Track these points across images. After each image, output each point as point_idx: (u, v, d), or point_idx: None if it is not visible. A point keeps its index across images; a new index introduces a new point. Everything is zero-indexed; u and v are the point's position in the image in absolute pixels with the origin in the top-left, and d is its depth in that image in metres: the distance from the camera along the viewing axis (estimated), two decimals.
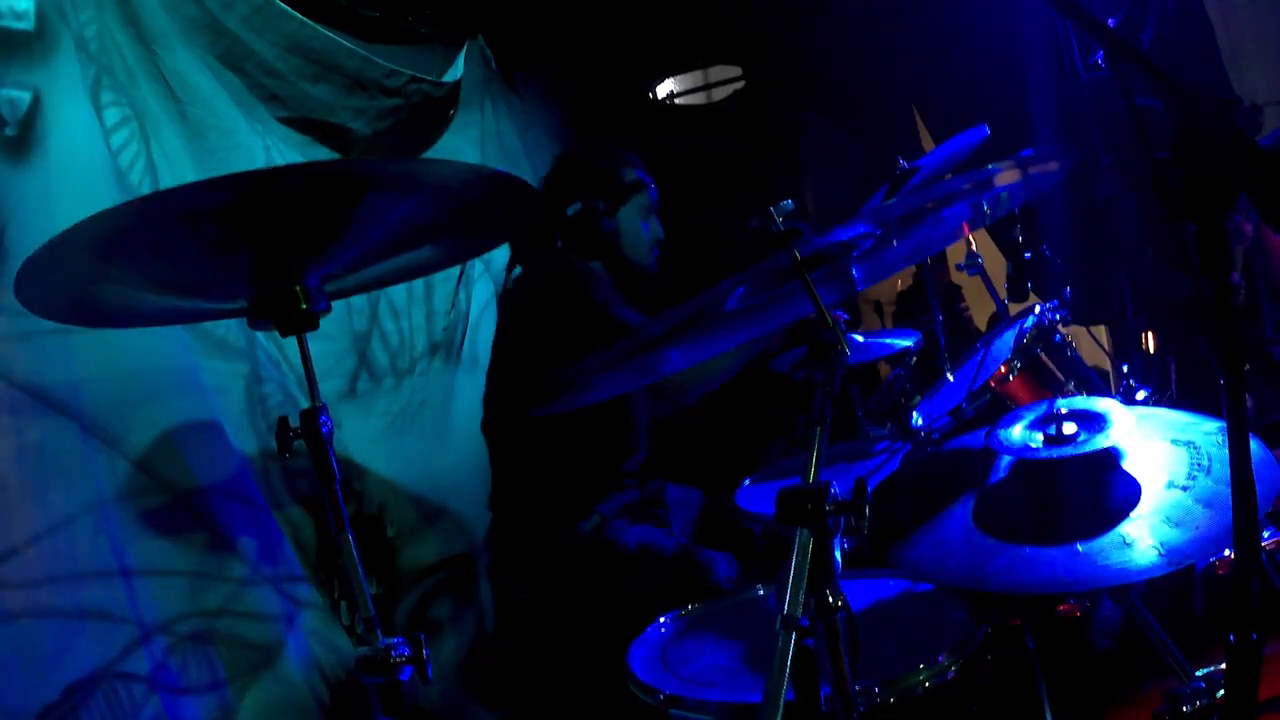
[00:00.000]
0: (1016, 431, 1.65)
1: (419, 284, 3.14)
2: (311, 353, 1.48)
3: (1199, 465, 1.54)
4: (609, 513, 2.46)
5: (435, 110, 3.23)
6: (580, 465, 2.49)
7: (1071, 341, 2.28)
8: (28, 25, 2.13)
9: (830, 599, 1.20)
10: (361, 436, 2.83)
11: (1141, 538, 1.45)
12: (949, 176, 1.65)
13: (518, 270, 2.77)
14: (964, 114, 4.55)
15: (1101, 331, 4.28)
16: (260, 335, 2.51)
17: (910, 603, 1.79)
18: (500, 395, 2.63)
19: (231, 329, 2.48)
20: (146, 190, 2.36)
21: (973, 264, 3.08)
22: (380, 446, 2.87)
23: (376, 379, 2.94)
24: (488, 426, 2.68)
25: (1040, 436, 1.61)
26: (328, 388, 2.75)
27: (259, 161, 2.64)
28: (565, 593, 2.42)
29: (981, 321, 4.49)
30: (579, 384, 1.68)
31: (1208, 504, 1.46)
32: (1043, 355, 2.21)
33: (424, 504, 2.94)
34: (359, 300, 2.91)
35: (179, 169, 2.46)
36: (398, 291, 3.04)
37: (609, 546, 2.39)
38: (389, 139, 3.02)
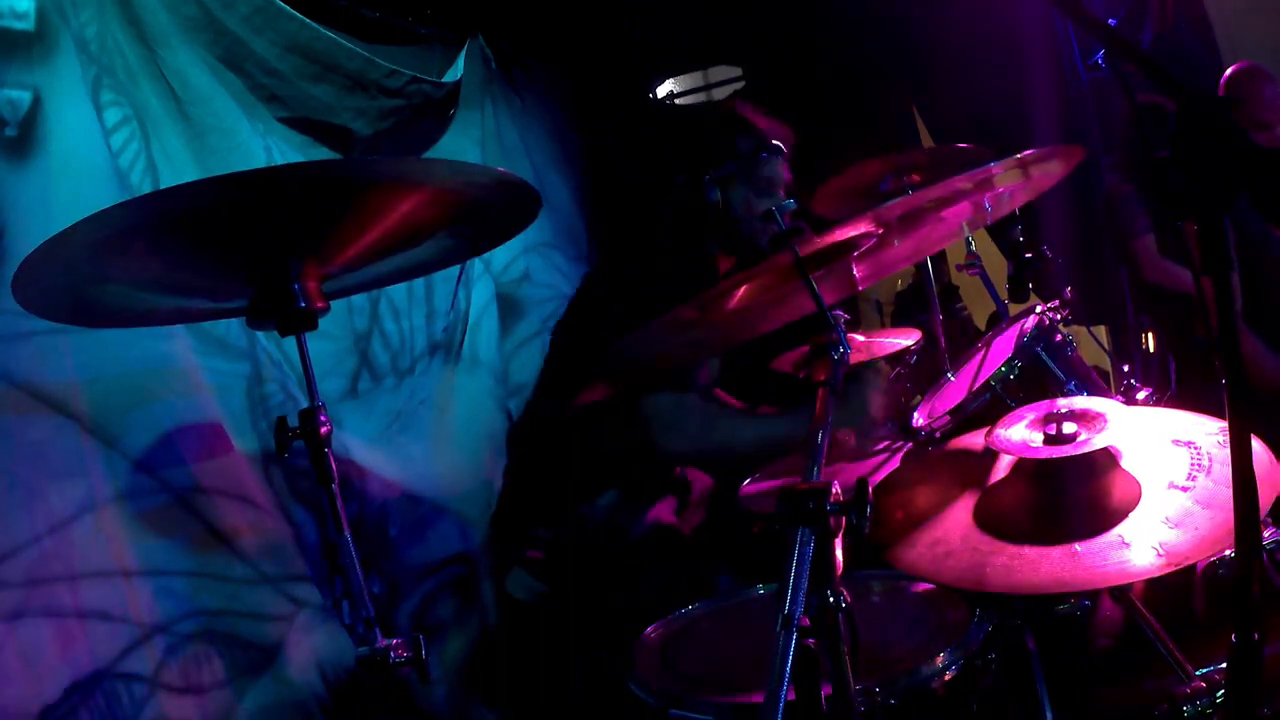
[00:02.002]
0: (1016, 431, 1.65)
1: (419, 284, 3.14)
2: (312, 352, 1.48)
3: (1199, 465, 1.54)
4: (615, 515, 2.45)
5: (436, 110, 3.23)
6: (599, 468, 2.48)
7: (1071, 341, 2.27)
8: (28, 25, 2.13)
9: (830, 599, 1.20)
10: (363, 436, 2.82)
11: (1141, 538, 1.45)
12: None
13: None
14: (964, 114, 4.56)
15: (1102, 331, 4.29)
16: (261, 335, 2.51)
17: (910, 603, 1.79)
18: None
19: (232, 329, 2.48)
20: (147, 190, 2.35)
21: (973, 264, 3.08)
22: (381, 446, 2.87)
23: (377, 378, 2.93)
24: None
25: (1040, 436, 1.61)
26: (329, 387, 2.74)
27: (259, 161, 2.64)
28: (561, 600, 2.41)
29: (981, 321, 4.49)
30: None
31: (1208, 504, 1.46)
32: (1043, 355, 2.21)
33: (425, 504, 2.94)
34: (359, 300, 2.91)
35: (179, 169, 2.46)
36: (398, 291, 3.04)
37: (608, 553, 2.39)
38: (389, 139, 3.02)
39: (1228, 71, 3.67)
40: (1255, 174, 0.92)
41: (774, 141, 2.54)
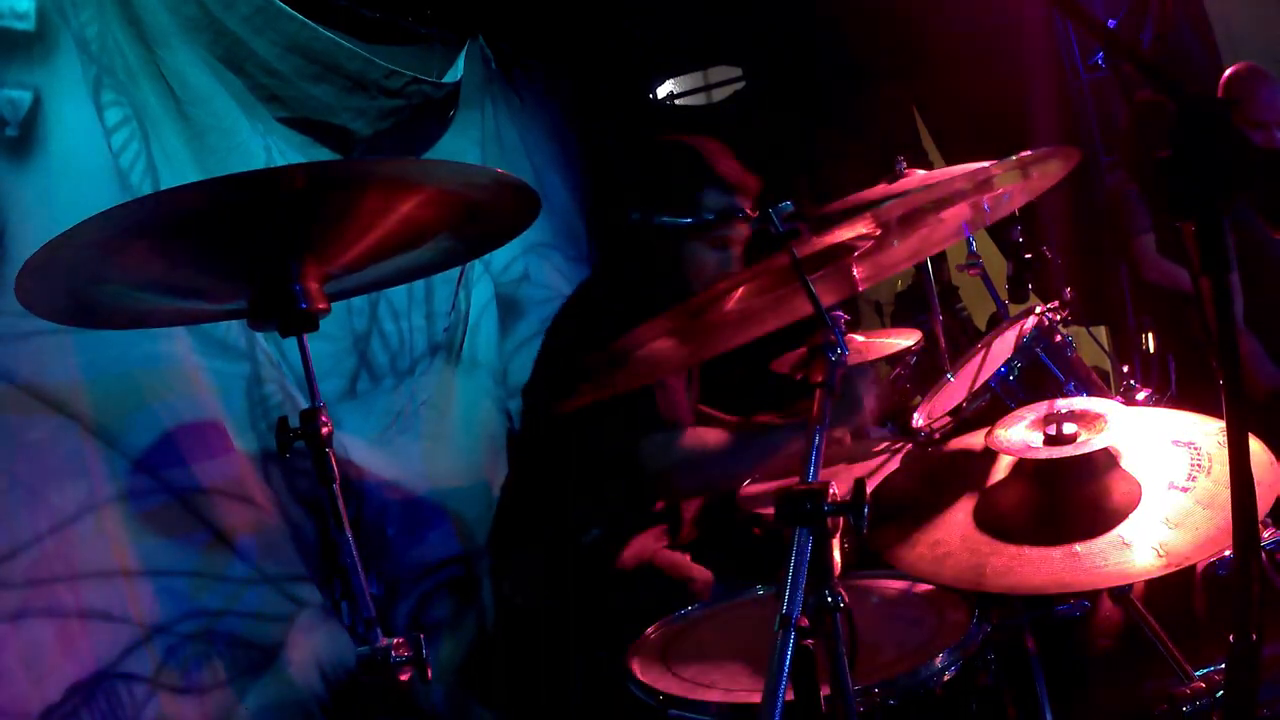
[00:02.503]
0: (1016, 431, 1.65)
1: (419, 285, 3.14)
2: (311, 353, 1.48)
3: (1199, 465, 1.54)
4: (611, 527, 2.44)
5: (436, 111, 3.23)
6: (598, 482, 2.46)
7: (1071, 342, 2.28)
8: (28, 25, 2.13)
9: (830, 599, 1.20)
10: (362, 436, 2.83)
11: (1141, 538, 1.45)
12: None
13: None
14: (964, 114, 4.56)
15: (1102, 331, 4.29)
16: (260, 336, 2.51)
17: (910, 603, 1.79)
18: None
19: (232, 329, 2.48)
20: (147, 191, 2.35)
21: (973, 264, 3.09)
22: (381, 447, 2.87)
23: (376, 379, 2.94)
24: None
25: (1040, 437, 1.61)
26: (328, 388, 2.75)
27: (259, 161, 2.64)
28: (560, 602, 2.41)
29: (981, 321, 4.49)
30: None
31: (1208, 504, 1.46)
32: (1042, 356, 2.21)
33: (424, 504, 2.94)
34: (359, 301, 2.91)
35: (180, 169, 2.46)
36: (397, 293, 3.04)
37: (605, 561, 2.38)
38: (389, 140, 3.02)
39: (1227, 72, 3.69)
40: (1255, 175, 0.93)
41: (740, 203, 2.35)
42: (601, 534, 2.40)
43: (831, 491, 1.21)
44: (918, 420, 2.37)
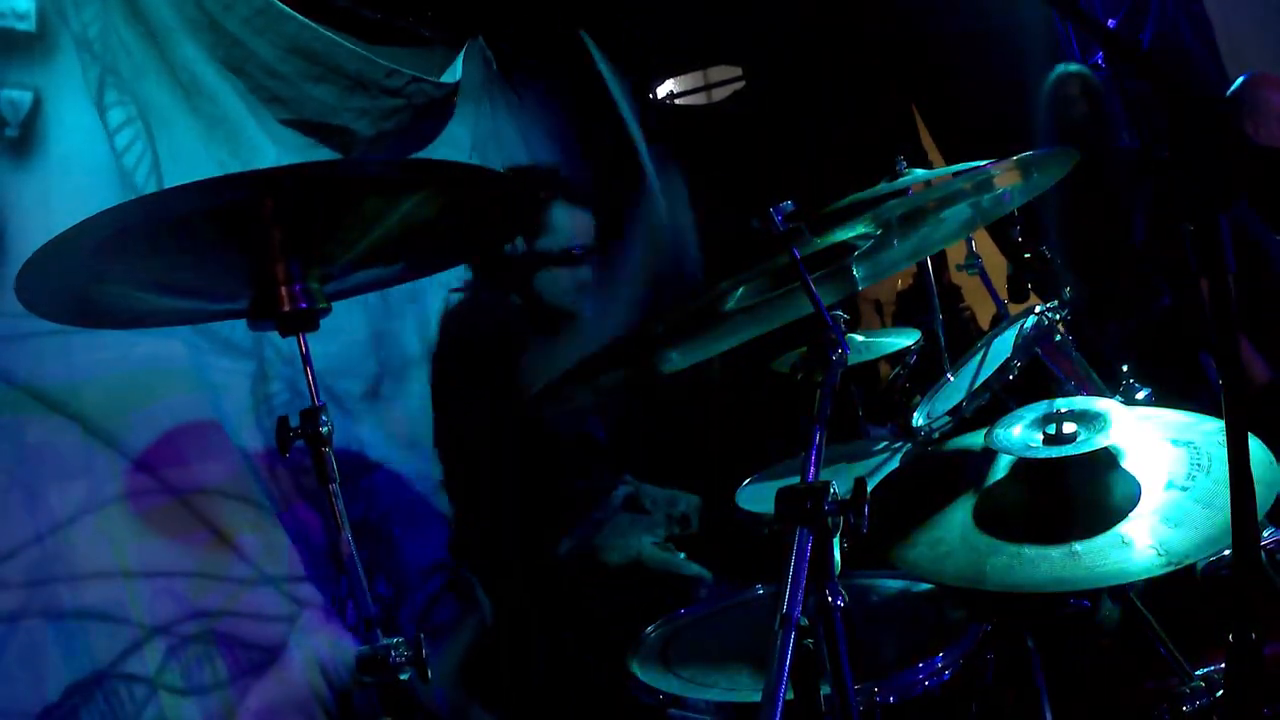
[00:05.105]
0: (1016, 431, 1.65)
1: (409, 286, 3.13)
2: (332, 352, 1.48)
3: (1199, 465, 1.54)
4: (588, 532, 2.44)
5: (436, 110, 3.23)
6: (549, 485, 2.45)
7: (1072, 341, 2.27)
8: (29, 26, 2.13)
9: (830, 599, 1.20)
10: (375, 437, 2.82)
11: (1140, 538, 1.45)
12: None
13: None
14: (964, 113, 4.56)
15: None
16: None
17: (910, 603, 1.79)
18: None
19: (238, 327, 2.48)
20: (153, 190, 2.35)
21: (972, 264, 3.08)
22: (391, 447, 2.86)
23: (393, 379, 2.93)
24: None
25: (1040, 436, 1.61)
26: (349, 387, 2.73)
27: (268, 156, 2.64)
28: (549, 605, 2.41)
29: (985, 321, 4.48)
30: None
31: (1207, 504, 1.46)
32: (1042, 355, 2.20)
33: (428, 504, 2.94)
34: (373, 298, 2.90)
35: (188, 164, 2.45)
36: (397, 292, 3.03)
37: (591, 565, 2.38)
38: (392, 139, 3.02)
39: (1236, 84, 3.62)
40: (1255, 175, 0.93)
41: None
42: (575, 543, 2.40)
43: (832, 491, 1.21)
44: (918, 420, 2.36)
